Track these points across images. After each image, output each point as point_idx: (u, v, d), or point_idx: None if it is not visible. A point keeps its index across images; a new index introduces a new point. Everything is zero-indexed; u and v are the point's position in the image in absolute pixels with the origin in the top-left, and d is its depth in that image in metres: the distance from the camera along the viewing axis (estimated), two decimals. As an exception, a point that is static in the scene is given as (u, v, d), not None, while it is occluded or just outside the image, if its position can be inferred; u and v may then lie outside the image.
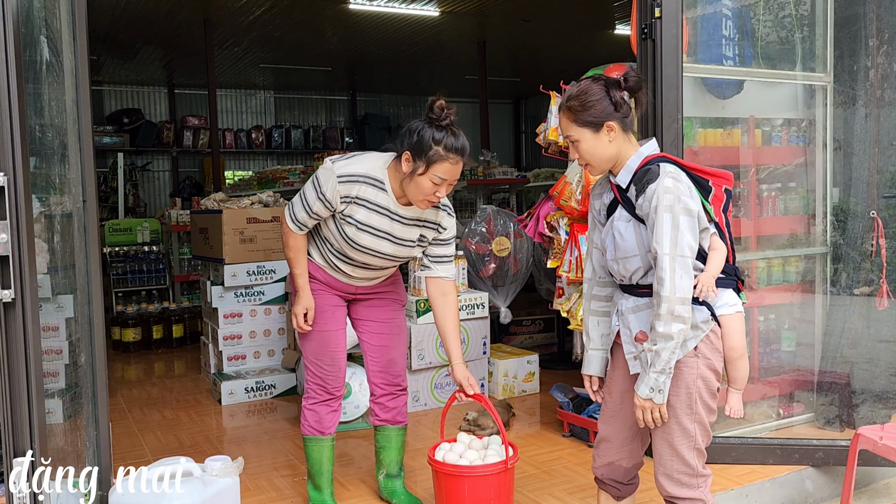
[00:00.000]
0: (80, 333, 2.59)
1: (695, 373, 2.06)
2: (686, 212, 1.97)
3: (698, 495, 2.12)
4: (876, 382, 3.49)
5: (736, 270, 2.18)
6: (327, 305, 2.75)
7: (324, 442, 2.79)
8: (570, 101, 2.11)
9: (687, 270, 1.96)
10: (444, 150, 2.42)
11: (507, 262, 4.87)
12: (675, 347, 1.97)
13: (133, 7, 7.70)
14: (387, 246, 2.62)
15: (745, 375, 2.19)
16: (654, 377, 2.00)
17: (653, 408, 2.04)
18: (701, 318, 2.05)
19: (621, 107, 2.08)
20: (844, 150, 3.65)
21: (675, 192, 1.97)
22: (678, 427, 2.09)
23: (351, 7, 8.01)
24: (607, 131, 2.08)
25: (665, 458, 2.13)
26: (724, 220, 2.15)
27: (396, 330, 2.87)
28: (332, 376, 2.77)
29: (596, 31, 9.32)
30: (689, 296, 1.97)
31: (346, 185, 2.52)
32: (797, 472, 3.10)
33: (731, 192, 2.18)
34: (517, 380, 4.48)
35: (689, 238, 1.97)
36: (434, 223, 2.70)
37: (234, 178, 11.15)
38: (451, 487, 2.59)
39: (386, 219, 2.58)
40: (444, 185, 2.46)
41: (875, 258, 3.40)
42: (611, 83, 2.09)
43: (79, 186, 2.50)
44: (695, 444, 2.10)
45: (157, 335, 6.38)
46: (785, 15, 3.64)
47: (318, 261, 2.74)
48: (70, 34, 2.48)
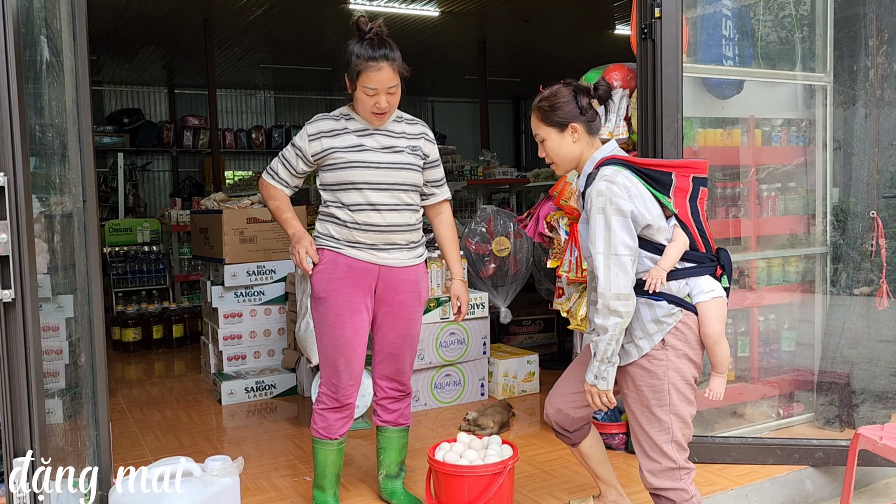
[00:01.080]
0: (80, 333, 2.59)
1: (665, 364, 2.15)
2: (618, 213, 2.09)
3: (681, 486, 2.19)
4: (876, 382, 3.49)
5: (715, 256, 2.23)
6: (345, 309, 2.63)
7: (331, 446, 2.76)
8: (540, 101, 2.30)
9: (622, 268, 2.07)
10: (363, 60, 2.51)
11: (507, 262, 4.87)
12: (611, 339, 2.09)
13: (133, 7, 7.70)
14: (385, 174, 2.61)
15: (724, 360, 2.25)
16: (596, 365, 2.14)
17: (598, 393, 2.17)
18: (662, 312, 2.14)
19: (587, 111, 2.25)
20: (844, 150, 3.66)
21: (606, 194, 2.10)
22: (653, 419, 2.18)
23: (351, 7, 8.02)
24: (571, 132, 2.25)
25: (646, 450, 2.22)
26: (689, 209, 2.20)
27: (410, 340, 2.79)
28: (343, 384, 2.69)
29: (596, 31, 9.33)
30: (626, 291, 2.07)
31: (317, 141, 2.63)
32: (797, 472, 3.10)
33: (704, 179, 2.23)
34: (517, 380, 4.49)
35: (622, 237, 2.08)
36: (414, 134, 2.71)
37: (234, 178, 11.15)
38: (451, 487, 2.59)
39: (367, 152, 2.62)
40: (381, 95, 2.54)
41: (875, 258, 3.40)
42: (580, 89, 2.26)
43: (79, 186, 2.50)
44: (672, 437, 2.18)
45: (157, 335, 6.38)
46: (785, 15, 3.64)
47: (338, 238, 2.64)
48: (70, 34, 2.48)
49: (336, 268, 2.64)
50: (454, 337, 4.27)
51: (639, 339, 2.16)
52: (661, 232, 2.16)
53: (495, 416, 3.70)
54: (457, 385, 4.33)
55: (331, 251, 2.65)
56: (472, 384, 4.37)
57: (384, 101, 2.56)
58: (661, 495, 2.23)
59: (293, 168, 2.70)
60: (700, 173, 2.22)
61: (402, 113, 2.75)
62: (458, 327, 4.27)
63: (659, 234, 2.16)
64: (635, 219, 2.11)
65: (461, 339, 4.29)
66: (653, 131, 3.11)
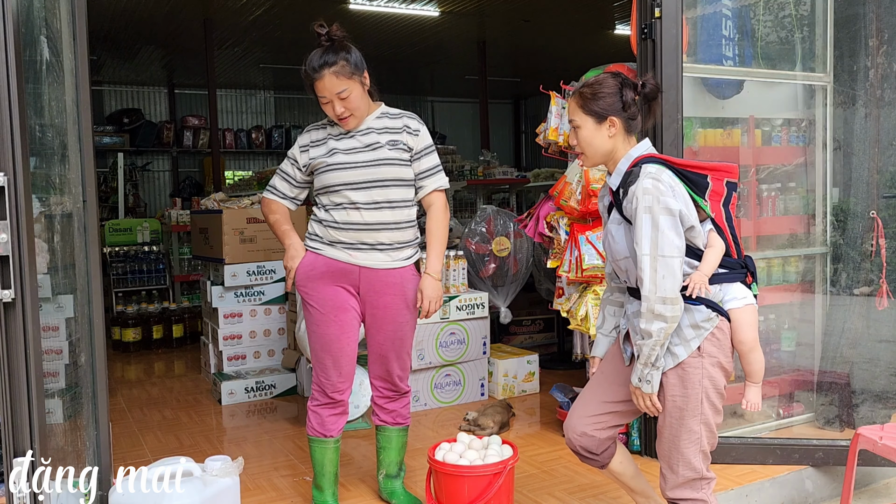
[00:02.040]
0: (80, 333, 2.59)
1: (700, 373, 2.07)
2: (666, 212, 1.98)
3: (701, 496, 2.13)
4: (876, 382, 3.49)
5: (745, 263, 2.17)
6: (328, 307, 2.66)
7: (327, 444, 2.77)
8: (583, 87, 2.16)
9: (669, 270, 1.97)
10: (307, 71, 2.58)
11: (507, 262, 4.87)
12: (655, 344, 2.01)
13: (133, 7, 7.70)
14: (361, 173, 2.61)
15: (760, 368, 2.18)
16: (640, 369, 2.07)
17: (643, 395, 2.10)
18: (701, 317, 2.06)
19: (629, 107, 2.12)
20: (844, 150, 3.65)
21: (653, 192, 1.99)
22: (684, 429, 2.10)
23: (351, 7, 8.02)
24: (609, 126, 2.13)
25: (671, 459, 2.14)
26: (723, 214, 2.14)
27: (399, 343, 2.77)
28: (331, 381, 2.71)
29: (596, 31, 9.33)
30: (672, 295, 1.98)
31: (306, 152, 2.72)
32: (797, 472, 3.10)
33: (735, 184, 2.18)
34: (517, 380, 4.49)
35: (671, 237, 1.98)
36: (395, 128, 2.69)
37: (234, 178, 11.14)
38: (451, 487, 2.59)
39: (338, 154, 2.64)
40: (334, 102, 2.58)
41: (875, 258, 3.40)
42: (627, 83, 2.13)
43: (79, 186, 2.50)
44: (700, 447, 2.11)
45: (157, 335, 6.38)
46: (785, 15, 3.64)
47: (320, 236, 2.67)
48: (70, 34, 2.48)
49: (315, 268, 2.68)
50: (454, 337, 4.27)
51: (675, 345, 2.07)
52: (699, 236, 2.09)
53: (495, 416, 3.70)
54: (457, 385, 4.33)
55: (312, 252, 2.71)
56: (472, 384, 4.37)
57: (339, 108, 2.59)
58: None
59: (292, 178, 2.77)
60: (733, 178, 2.17)
61: (388, 108, 2.76)
62: (458, 327, 4.27)
63: (698, 238, 2.09)
64: (682, 219, 2.02)
65: (461, 339, 4.29)
66: (653, 131, 3.11)
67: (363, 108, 2.65)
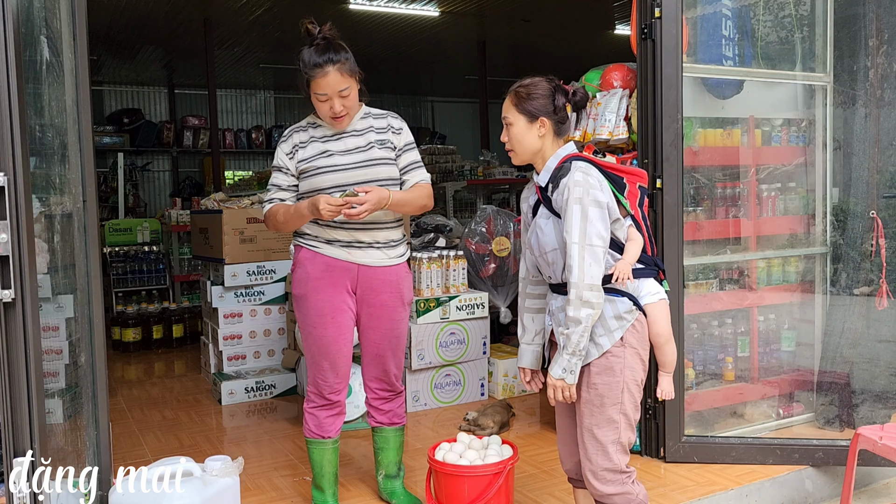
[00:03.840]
0: (80, 333, 2.59)
1: (622, 362, 2.16)
2: (595, 203, 2.09)
3: (626, 489, 2.19)
4: (876, 382, 3.49)
5: (656, 261, 2.30)
6: (326, 308, 2.66)
7: (325, 445, 2.77)
8: (519, 87, 2.27)
9: (596, 259, 2.07)
10: (309, 67, 2.53)
11: (507, 262, 4.87)
12: (583, 331, 2.09)
13: (133, 7, 7.70)
14: (353, 175, 2.61)
15: (673, 360, 2.32)
16: (566, 359, 2.12)
17: (564, 387, 2.15)
18: (623, 308, 2.16)
19: (559, 112, 2.24)
20: (844, 150, 3.66)
21: (584, 185, 2.10)
22: (604, 418, 2.17)
23: (351, 7, 8.02)
24: (539, 126, 2.23)
25: (590, 452, 2.20)
26: (640, 213, 2.27)
27: (395, 341, 2.78)
28: (328, 383, 2.71)
29: (596, 31, 9.34)
30: (598, 283, 2.08)
31: (294, 156, 2.70)
32: (797, 472, 3.10)
33: (645, 188, 2.33)
34: (517, 380, 4.48)
35: (598, 228, 2.08)
36: (381, 128, 2.71)
37: (234, 178, 11.15)
38: (451, 487, 2.59)
39: (333, 156, 2.63)
40: (333, 99, 2.55)
41: (875, 258, 3.40)
42: (559, 89, 2.25)
43: (79, 186, 2.50)
44: (619, 437, 2.18)
45: (157, 335, 6.38)
46: (785, 15, 3.64)
47: (315, 235, 2.66)
48: (70, 34, 2.48)
49: (314, 266, 2.66)
50: (454, 337, 4.27)
51: (599, 336, 2.16)
52: (621, 229, 2.22)
53: (495, 416, 3.70)
54: (457, 385, 4.33)
55: (309, 250, 2.68)
56: (472, 384, 4.37)
57: (338, 106, 2.58)
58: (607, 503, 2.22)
59: (287, 186, 2.72)
60: (644, 182, 2.31)
61: (370, 108, 2.77)
62: (458, 327, 4.27)
63: (620, 231, 2.21)
64: (609, 211, 2.14)
65: (461, 339, 4.29)
66: (653, 131, 3.11)
67: (356, 108, 2.67)
